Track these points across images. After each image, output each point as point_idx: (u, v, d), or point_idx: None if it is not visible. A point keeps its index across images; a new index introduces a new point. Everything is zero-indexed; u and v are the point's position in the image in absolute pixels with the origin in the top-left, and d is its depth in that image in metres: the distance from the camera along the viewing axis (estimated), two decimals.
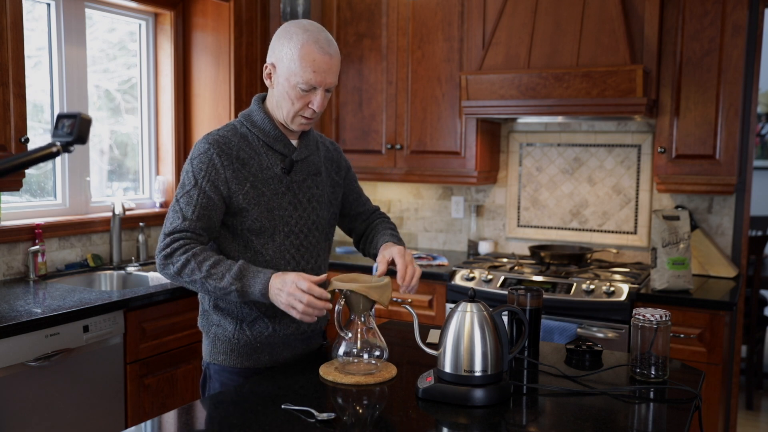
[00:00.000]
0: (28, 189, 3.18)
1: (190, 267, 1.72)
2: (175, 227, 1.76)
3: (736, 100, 3.00)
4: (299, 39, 1.78)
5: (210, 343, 1.94)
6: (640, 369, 1.78)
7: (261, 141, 1.87)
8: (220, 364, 1.92)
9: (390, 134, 3.74)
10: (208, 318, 1.94)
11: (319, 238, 1.96)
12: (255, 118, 1.89)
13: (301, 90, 1.79)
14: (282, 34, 1.82)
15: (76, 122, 1.36)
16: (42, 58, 3.18)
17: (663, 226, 2.95)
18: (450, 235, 4.00)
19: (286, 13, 3.88)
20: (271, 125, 1.87)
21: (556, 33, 3.11)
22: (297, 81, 1.78)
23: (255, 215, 1.82)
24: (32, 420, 2.36)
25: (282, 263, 1.87)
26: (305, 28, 1.80)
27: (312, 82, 1.78)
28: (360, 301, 1.73)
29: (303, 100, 1.81)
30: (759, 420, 4.17)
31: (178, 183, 1.83)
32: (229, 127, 1.89)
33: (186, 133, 3.80)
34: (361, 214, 2.15)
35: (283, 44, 1.80)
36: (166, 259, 1.75)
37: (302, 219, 1.90)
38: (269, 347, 1.91)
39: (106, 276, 3.25)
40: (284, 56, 1.79)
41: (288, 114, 1.84)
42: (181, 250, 1.74)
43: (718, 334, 2.80)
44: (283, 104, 1.83)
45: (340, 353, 1.75)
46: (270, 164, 1.86)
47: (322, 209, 1.96)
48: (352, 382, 1.70)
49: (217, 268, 1.72)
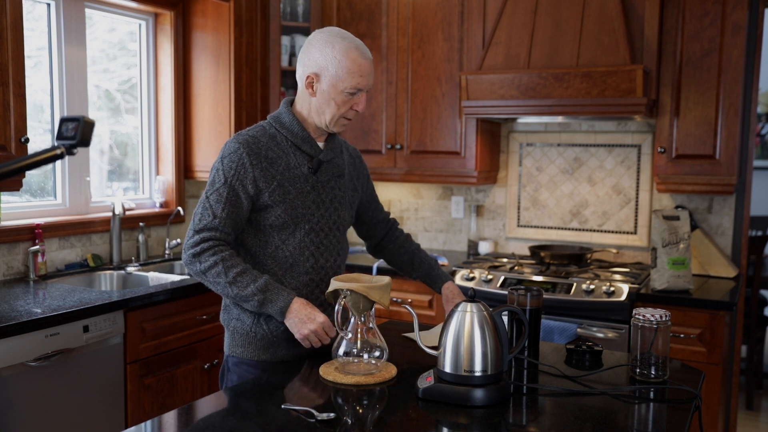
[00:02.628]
0: (28, 189, 3.18)
1: (217, 270, 1.83)
2: (205, 224, 1.85)
3: (736, 100, 3.00)
4: (342, 46, 1.87)
5: (230, 336, 2.01)
6: (640, 369, 1.78)
7: (289, 141, 1.95)
8: (238, 356, 1.98)
9: (390, 134, 3.74)
10: (228, 312, 2.01)
11: (339, 238, 2.05)
12: (284, 119, 1.97)
13: (348, 94, 1.89)
14: (321, 44, 1.89)
15: (80, 125, 1.37)
16: (42, 58, 3.18)
17: (663, 226, 2.95)
18: (450, 235, 4.00)
19: (286, 13, 3.88)
20: (299, 127, 1.95)
21: (556, 33, 3.11)
22: (344, 86, 1.88)
23: (278, 212, 1.90)
24: (32, 420, 2.36)
25: (301, 259, 1.95)
26: (341, 35, 1.90)
27: (359, 85, 1.89)
28: (360, 301, 1.74)
29: (348, 104, 1.91)
30: (759, 420, 4.17)
31: (207, 180, 1.93)
32: (259, 127, 1.97)
33: (186, 133, 3.80)
34: (380, 222, 2.27)
35: (326, 53, 1.88)
36: (195, 257, 1.85)
37: (324, 218, 1.98)
38: (286, 341, 1.96)
39: (106, 276, 3.26)
40: (329, 64, 1.87)
41: (332, 118, 1.93)
42: (210, 251, 1.84)
43: (718, 334, 2.80)
44: (326, 109, 1.92)
45: (340, 353, 1.76)
46: (297, 164, 1.94)
47: (344, 210, 2.04)
48: (352, 382, 1.70)
49: (243, 277, 1.83)
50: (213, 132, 3.72)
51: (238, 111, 3.66)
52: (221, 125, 3.68)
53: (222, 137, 3.68)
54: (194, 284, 2.97)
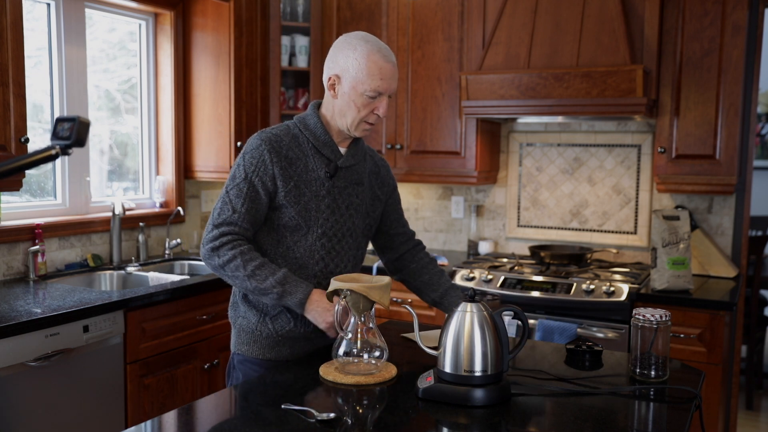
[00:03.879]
0: (28, 189, 3.18)
1: (236, 263, 1.84)
2: (225, 219, 1.86)
3: (736, 100, 3.00)
4: (364, 49, 1.86)
5: (236, 333, 2.03)
6: (640, 369, 1.78)
7: (310, 144, 1.95)
8: (243, 354, 2.00)
9: (390, 134, 3.74)
10: (236, 309, 2.02)
11: (351, 245, 2.03)
12: (309, 121, 1.97)
13: (368, 97, 1.88)
14: (343, 46, 1.90)
15: (75, 125, 1.37)
16: (42, 58, 3.18)
17: (663, 226, 2.95)
18: (450, 235, 4.00)
19: (286, 13, 3.88)
20: (323, 130, 1.95)
21: (556, 33, 3.11)
22: (365, 89, 1.87)
23: (292, 213, 1.91)
24: (32, 420, 2.36)
25: (311, 263, 1.96)
26: (365, 38, 1.89)
27: (379, 89, 1.87)
28: (360, 301, 1.73)
29: (369, 107, 1.90)
30: (759, 420, 4.17)
31: (228, 176, 1.97)
32: (283, 126, 1.97)
33: (186, 133, 3.80)
34: (399, 236, 2.21)
35: (348, 55, 1.88)
36: (213, 251, 1.86)
37: (337, 224, 1.98)
38: (290, 341, 1.97)
39: (106, 276, 3.26)
40: (350, 66, 1.87)
41: (353, 121, 1.92)
42: (228, 245, 1.85)
43: (718, 334, 2.80)
44: (348, 112, 1.91)
45: (340, 353, 1.76)
46: (315, 167, 1.94)
47: (358, 218, 2.03)
48: (352, 382, 1.70)
49: (261, 270, 1.84)
50: (213, 132, 3.72)
51: (238, 111, 3.66)
52: (221, 125, 3.68)
53: (222, 137, 3.68)
54: (194, 284, 2.98)
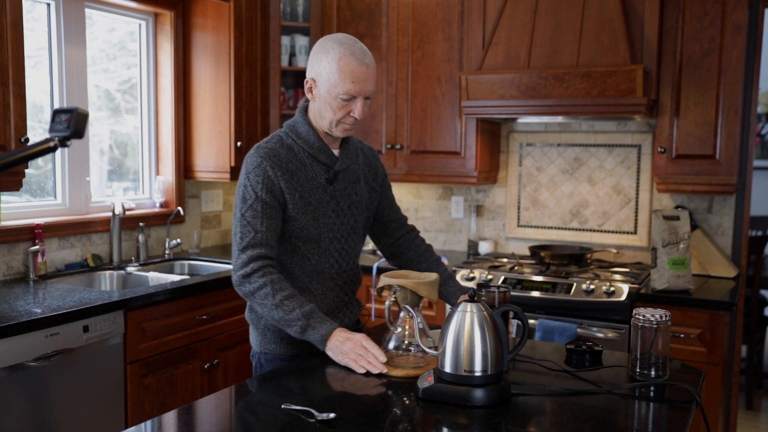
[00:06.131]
0: (28, 189, 3.17)
1: (265, 291, 1.85)
2: (249, 242, 1.88)
3: (736, 100, 3.00)
4: (336, 52, 1.87)
5: (260, 334, 2.05)
6: (640, 369, 1.78)
7: (306, 152, 1.97)
8: (271, 353, 2.03)
9: (390, 134, 3.74)
10: (254, 311, 2.04)
11: (356, 241, 2.09)
12: (300, 129, 1.98)
13: (342, 100, 1.89)
14: (319, 50, 1.91)
15: (73, 117, 1.37)
16: (42, 58, 3.18)
17: (663, 226, 2.95)
18: (450, 235, 4.00)
19: (286, 13, 3.88)
20: (315, 137, 1.97)
21: (556, 33, 3.11)
22: (337, 92, 1.88)
23: (303, 223, 1.94)
24: (32, 420, 2.36)
25: (326, 267, 2.00)
26: (341, 41, 1.90)
27: (352, 91, 1.88)
28: (408, 296, 1.80)
29: (344, 110, 1.91)
30: (759, 420, 4.17)
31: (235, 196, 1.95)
32: (276, 138, 1.98)
33: (186, 133, 3.80)
34: (393, 222, 2.25)
35: (321, 59, 1.89)
36: (245, 278, 1.88)
37: (343, 225, 2.02)
38: None
39: (106, 276, 3.25)
40: (323, 70, 1.89)
41: (331, 123, 1.94)
42: (259, 273, 1.86)
43: (718, 334, 2.80)
44: (325, 114, 1.93)
45: (390, 347, 1.82)
46: (315, 174, 1.97)
47: (360, 214, 2.08)
48: (401, 374, 1.74)
49: (290, 301, 1.85)
50: (213, 132, 3.72)
51: (238, 111, 3.66)
52: (221, 125, 3.68)
53: (222, 137, 3.68)
54: (194, 284, 2.98)
